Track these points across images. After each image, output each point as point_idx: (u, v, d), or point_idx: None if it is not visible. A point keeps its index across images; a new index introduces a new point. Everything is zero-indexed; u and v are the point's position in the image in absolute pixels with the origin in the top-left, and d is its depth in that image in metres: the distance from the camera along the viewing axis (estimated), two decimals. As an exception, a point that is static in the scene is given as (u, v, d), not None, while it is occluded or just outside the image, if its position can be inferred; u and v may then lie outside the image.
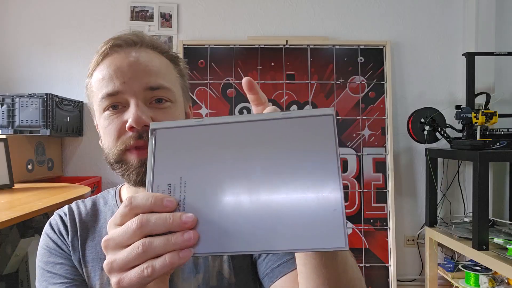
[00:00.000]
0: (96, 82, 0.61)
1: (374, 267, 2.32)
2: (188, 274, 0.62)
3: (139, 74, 0.59)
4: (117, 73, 0.58)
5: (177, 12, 2.51)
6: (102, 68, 0.60)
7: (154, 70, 0.60)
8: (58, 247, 0.66)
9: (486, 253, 1.73)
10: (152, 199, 0.34)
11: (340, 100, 2.43)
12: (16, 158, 1.90)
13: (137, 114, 0.56)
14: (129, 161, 0.59)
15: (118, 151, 0.59)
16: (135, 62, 0.59)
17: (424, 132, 2.19)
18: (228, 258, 0.63)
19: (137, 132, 0.57)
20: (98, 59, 0.61)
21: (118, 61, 0.59)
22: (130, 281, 0.33)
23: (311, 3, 2.54)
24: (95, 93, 0.61)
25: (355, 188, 2.38)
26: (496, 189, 2.42)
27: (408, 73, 2.54)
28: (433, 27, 2.54)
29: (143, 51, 0.61)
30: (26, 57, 2.48)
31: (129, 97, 0.58)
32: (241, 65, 2.44)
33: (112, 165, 0.61)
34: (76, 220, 0.68)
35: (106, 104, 0.59)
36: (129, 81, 0.58)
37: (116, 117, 0.59)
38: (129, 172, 0.59)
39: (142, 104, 0.58)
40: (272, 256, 0.62)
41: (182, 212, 0.34)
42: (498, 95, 2.38)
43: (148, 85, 0.58)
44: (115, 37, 0.61)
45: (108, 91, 0.58)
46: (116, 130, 0.59)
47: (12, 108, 2.08)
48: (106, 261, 0.35)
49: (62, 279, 0.62)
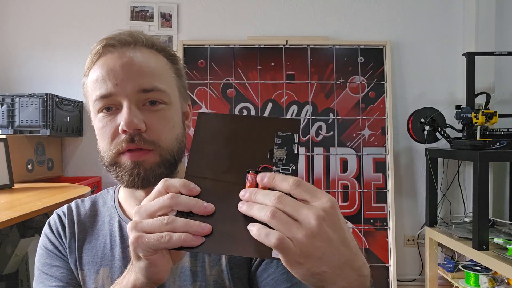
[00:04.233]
0: (90, 83, 0.60)
1: (374, 267, 2.32)
2: (185, 282, 0.61)
3: (132, 75, 0.57)
4: (110, 74, 0.57)
5: (177, 12, 2.51)
6: (95, 69, 0.59)
7: (148, 71, 0.59)
8: (56, 248, 0.66)
9: (486, 253, 1.73)
10: (182, 182, 0.41)
11: (340, 100, 2.43)
12: (16, 158, 1.90)
13: (129, 118, 0.56)
14: (122, 163, 0.59)
15: (112, 154, 0.59)
16: (128, 63, 0.58)
17: (424, 132, 2.19)
18: (227, 268, 0.62)
19: (130, 135, 0.57)
20: (93, 59, 0.60)
21: (111, 61, 0.58)
22: (148, 240, 0.40)
23: (311, 3, 2.54)
24: (90, 94, 0.61)
25: (355, 188, 2.38)
26: (496, 189, 2.42)
27: (408, 73, 2.54)
28: (433, 27, 2.54)
29: (138, 51, 0.60)
30: (26, 57, 2.48)
31: (122, 99, 0.57)
32: (241, 65, 2.43)
33: (107, 167, 0.61)
34: (75, 220, 0.68)
35: (99, 106, 0.59)
36: (121, 82, 0.57)
37: (110, 120, 0.59)
38: (122, 173, 0.59)
39: (134, 107, 0.57)
40: (275, 266, 0.60)
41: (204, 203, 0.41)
42: (498, 95, 2.38)
43: (141, 87, 0.58)
44: (109, 36, 0.61)
45: (101, 93, 0.58)
46: (110, 133, 0.59)
47: (12, 108, 2.08)
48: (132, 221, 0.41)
49: (57, 282, 0.63)
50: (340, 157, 2.40)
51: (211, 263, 0.62)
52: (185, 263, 0.62)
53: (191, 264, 0.62)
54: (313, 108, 2.42)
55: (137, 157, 0.58)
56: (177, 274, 0.62)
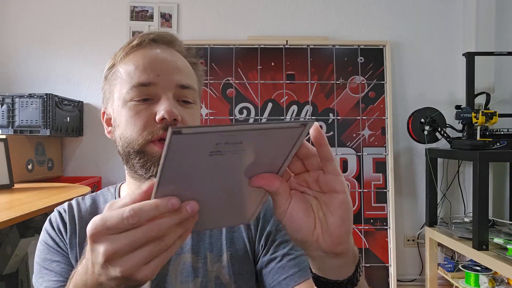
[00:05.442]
0: (127, 70, 0.61)
1: (374, 267, 2.32)
2: (186, 277, 0.62)
3: (173, 70, 0.60)
4: (152, 65, 0.60)
5: (177, 12, 2.51)
6: (135, 58, 0.61)
7: (185, 70, 0.63)
8: (56, 244, 0.66)
9: (486, 253, 1.73)
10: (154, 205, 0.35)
11: (340, 100, 2.43)
12: (16, 158, 1.90)
13: (170, 107, 0.57)
14: (151, 152, 0.58)
15: (144, 140, 0.58)
16: (170, 58, 0.62)
17: (424, 132, 2.19)
18: (228, 264, 0.63)
19: (166, 125, 0.57)
20: (132, 48, 0.62)
21: (153, 54, 0.61)
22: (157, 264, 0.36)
23: (311, 3, 2.54)
24: (124, 80, 0.60)
25: (355, 188, 2.38)
26: (496, 189, 2.42)
27: (408, 73, 2.54)
28: (433, 27, 2.54)
29: (174, 51, 0.64)
30: (26, 57, 2.48)
31: (161, 91, 0.59)
32: (241, 65, 2.43)
33: (130, 156, 0.59)
34: (76, 217, 0.68)
35: (135, 94, 0.59)
36: (163, 75, 0.59)
37: (145, 108, 0.59)
38: (150, 163, 0.58)
39: (172, 99, 0.59)
40: (278, 268, 0.62)
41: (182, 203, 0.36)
42: (498, 95, 2.38)
43: (180, 83, 0.60)
44: (151, 31, 0.64)
45: (141, 81, 0.59)
46: (144, 121, 0.58)
47: (12, 108, 2.08)
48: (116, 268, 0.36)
49: (57, 277, 0.63)
50: (340, 157, 2.40)
51: (212, 259, 0.63)
52: (187, 259, 0.63)
53: (193, 260, 0.63)
54: (313, 108, 2.42)
55: None
56: (178, 270, 0.62)
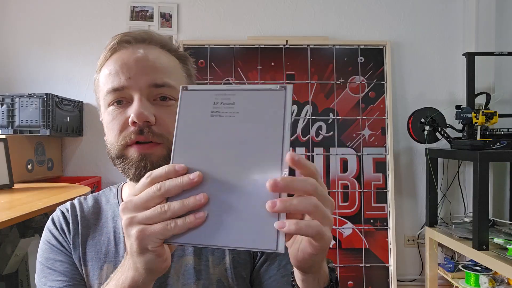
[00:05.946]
0: (103, 77, 0.61)
1: (374, 267, 2.32)
2: (188, 280, 0.62)
3: (145, 70, 0.59)
4: (123, 68, 0.59)
5: (177, 12, 2.51)
6: (109, 64, 0.61)
7: (160, 67, 0.61)
8: (59, 244, 0.66)
9: (486, 253, 1.73)
10: (166, 168, 0.39)
11: (340, 100, 2.43)
12: (16, 158, 1.90)
13: (140, 110, 0.57)
14: (129, 155, 0.59)
15: (120, 146, 0.59)
16: (142, 58, 0.60)
17: (424, 132, 2.19)
18: (230, 266, 0.63)
19: (139, 127, 0.57)
20: (107, 54, 0.62)
21: (126, 56, 0.60)
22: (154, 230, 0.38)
23: (311, 3, 2.54)
24: (101, 88, 0.62)
25: (355, 188, 2.38)
26: (496, 189, 2.42)
27: (408, 73, 2.54)
28: (433, 27, 2.54)
29: (151, 48, 0.62)
30: (26, 57, 2.48)
31: (133, 93, 0.58)
32: (241, 65, 2.43)
33: (114, 160, 0.61)
34: (78, 217, 0.68)
35: (111, 99, 0.60)
36: (134, 76, 0.58)
37: (120, 113, 0.59)
38: (129, 166, 0.59)
39: (145, 100, 0.58)
40: (276, 268, 0.62)
41: (189, 174, 0.38)
42: (498, 95, 2.38)
43: (153, 82, 0.59)
44: (124, 33, 0.63)
45: (113, 86, 0.59)
46: (119, 125, 0.59)
47: (12, 108, 2.08)
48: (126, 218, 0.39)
49: (61, 276, 0.62)
50: (340, 157, 2.40)
51: (214, 262, 0.63)
52: (189, 261, 0.63)
53: (195, 263, 0.63)
54: (313, 108, 2.42)
55: (145, 150, 0.58)
56: (181, 273, 0.62)
